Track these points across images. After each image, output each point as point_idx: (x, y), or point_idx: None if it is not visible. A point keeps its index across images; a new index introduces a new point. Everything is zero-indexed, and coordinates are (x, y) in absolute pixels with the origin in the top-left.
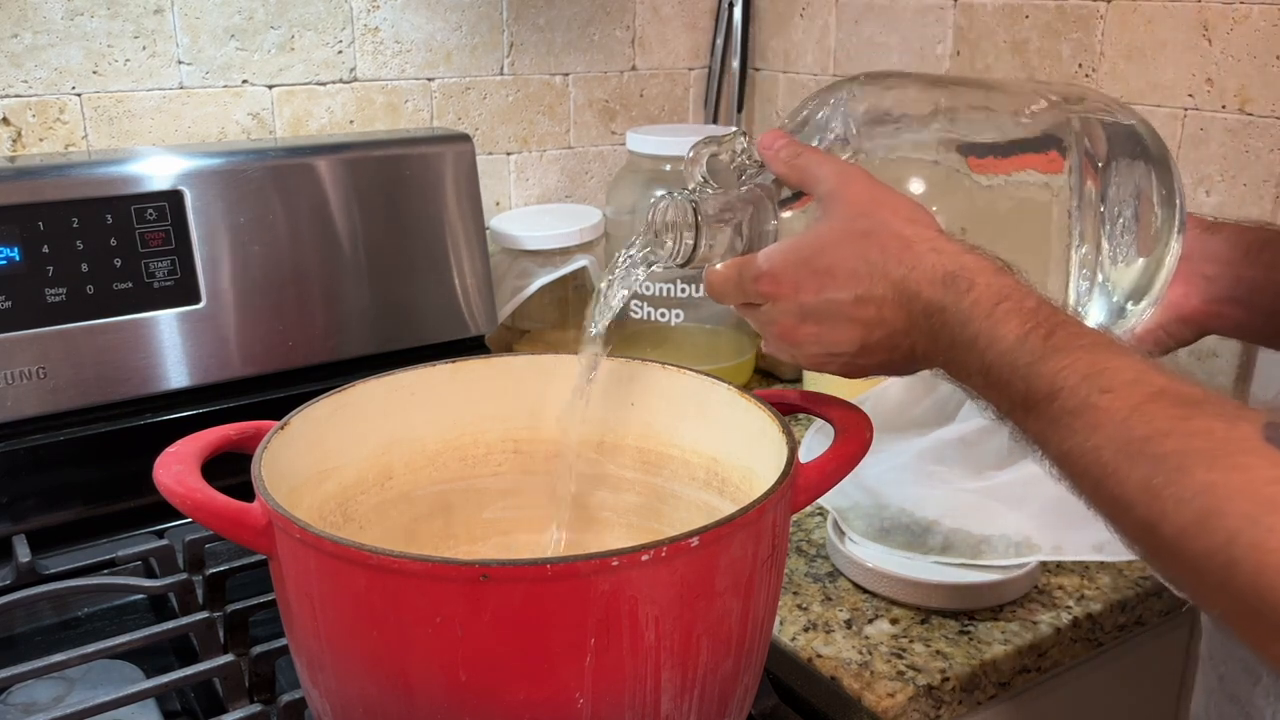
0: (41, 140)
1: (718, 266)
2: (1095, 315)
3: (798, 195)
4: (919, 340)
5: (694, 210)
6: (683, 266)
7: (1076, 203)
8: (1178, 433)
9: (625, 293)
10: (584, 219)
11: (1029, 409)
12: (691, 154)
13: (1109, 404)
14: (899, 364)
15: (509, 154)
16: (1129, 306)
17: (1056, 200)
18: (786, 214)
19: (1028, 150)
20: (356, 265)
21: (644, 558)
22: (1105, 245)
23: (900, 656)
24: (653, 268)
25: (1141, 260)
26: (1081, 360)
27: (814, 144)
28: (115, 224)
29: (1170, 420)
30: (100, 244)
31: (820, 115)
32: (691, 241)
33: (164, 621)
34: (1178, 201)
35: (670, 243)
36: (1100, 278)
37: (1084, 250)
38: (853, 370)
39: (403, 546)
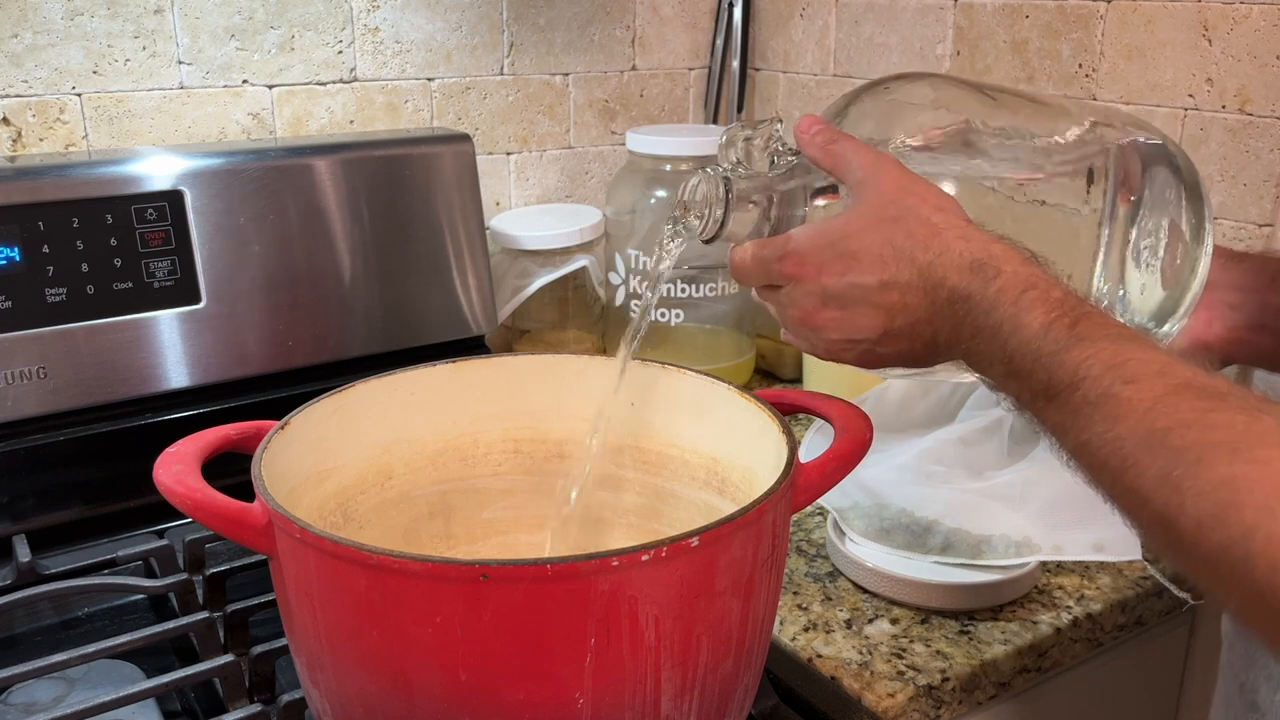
0: (41, 140)
1: (745, 246)
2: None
3: (832, 189)
4: (941, 328)
5: (726, 186)
6: (709, 242)
7: (1106, 228)
8: (1199, 425)
9: (665, 274)
10: (584, 219)
11: (1050, 398)
12: (726, 137)
13: (1132, 395)
14: (919, 353)
15: (509, 154)
16: (1152, 330)
17: (1085, 225)
18: (820, 202)
19: (1066, 178)
20: (356, 265)
21: (644, 558)
22: (1131, 270)
23: (900, 656)
24: (678, 242)
25: (1167, 287)
26: (1106, 350)
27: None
28: (115, 224)
29: (1193, 412)
30: (100, 244)
31: (862, 116)
32: (720, 216)
33: (164, 621)
34: (1207, 227)
35: (699, 217)
36: (1123, 301)
37: (1108, 285)
38: (871, 359)
39: (403, 546)
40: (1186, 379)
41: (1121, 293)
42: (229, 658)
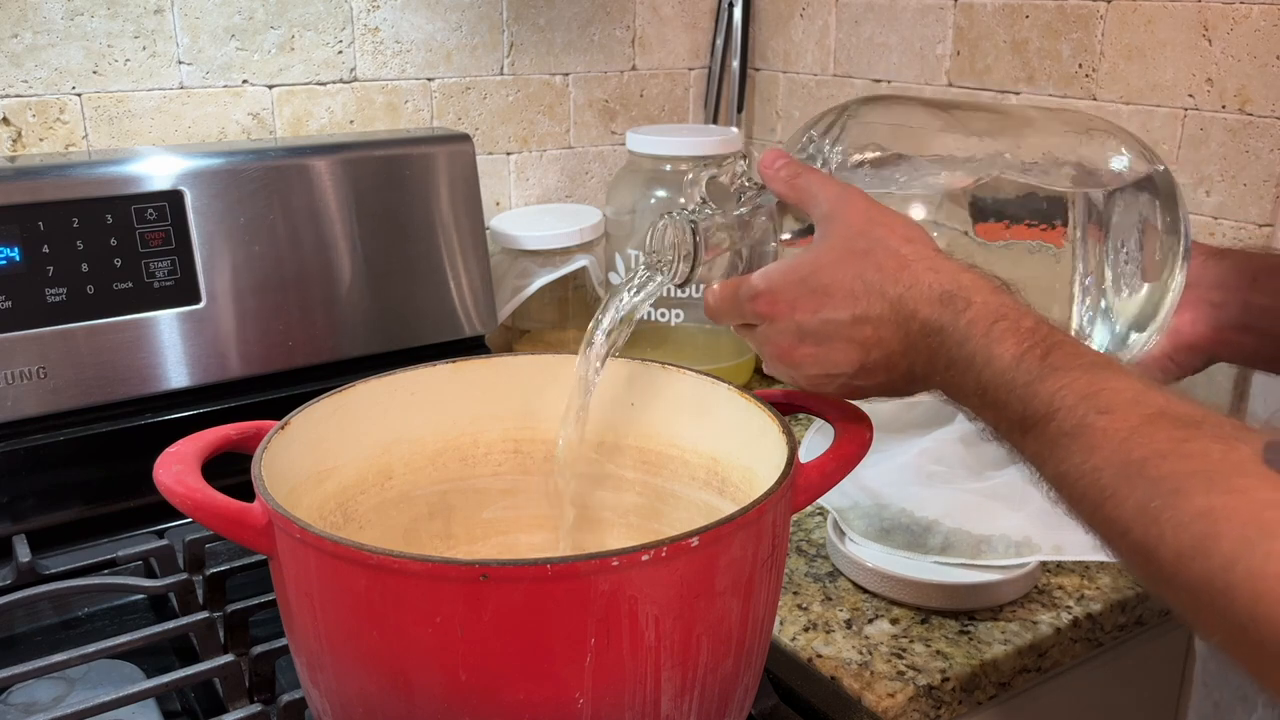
0: (41, 140)
1: (713, 288)
2: (1098, 345)
3: (804, 231)
4: (917, 360)
5: (693, 230)
6: (681, 286)
7: (1081, 240)
8: (1176, 454)
9: (622, 314)
10: (584, 219)
11: (1026, 430)
12: (691, 176)
13: (1107, 425)
14: (897, 384)
15: (509, 154)
16: (1132, 335)
17: (1060, 251)
18: (786, 235)
19: (1033, 219)
20: (356, 265)
21: (644, 558)
22: (1109, 276)
23: (900, 656)
24: (649, 289)
25: (1145, 290)
26: (1079, 380)
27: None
28: (115, 224)
29: (1169, 442)
30: (100, 244)
31: (825, 144)
32: (690, 262)
33: (164, 621)
34: (1182, 229)
35: (669, 262)
36: (1104, 306)
37: (1088, 283)
38: (851, 392)
39: (403, 546)
40: (1161, 407)
41: (1104, 304)
42: (229, 658)
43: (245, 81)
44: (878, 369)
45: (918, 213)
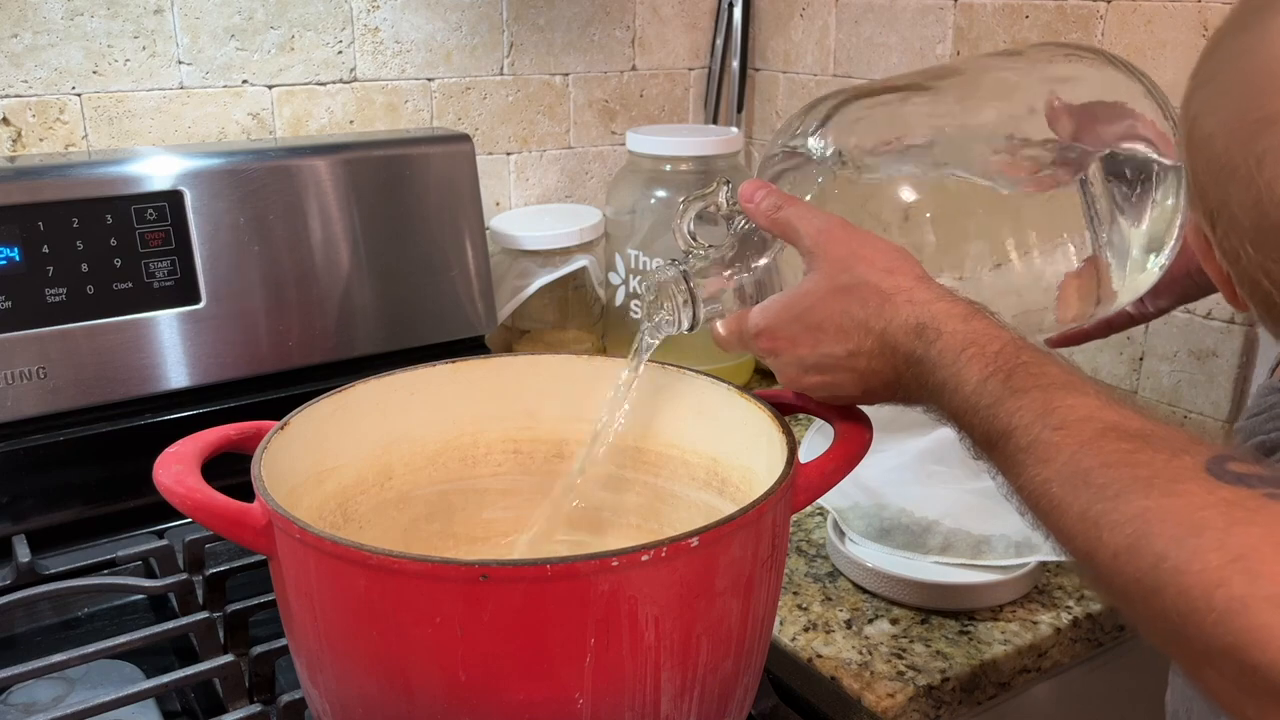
0: (41, 140)
1: (718, 326)
2: (1117, 275)
3: None
4: (908, 386)
5: (685, 280)
6: (692, 329)
7: (1082, 184)
8: (1120, 464)
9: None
10: (584, 219)
11: (990, 447)
12: (681, 209)
13: (1060, 440)
14: (902, 403)
15: (509, 154)
16: (1151, 260)
17: (1064, 193)
18: (778, 246)
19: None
20: (356, 265)
21: (644, 558)
22: (1118, 206)
23: (900, 656)
24: (658, 339)
25: (1152, 211)
26: (1037, 400)
27: (800, 173)
28: (115, 224)
29: (1116, 453)
30: (100, 244)
31: (806, 145)
32: (690, 309)
33: (164, 621)
34: (1177, 139)
35: (670, 315)
36: (1118, 233)
37: (1097, 218)
38: (863, 407)
39: (402, 546)
40: (1113, 422)
41: (1118, 230)
42: (229, 658)
43: (245, 81)
44: (879, 393)
45: (908, 195)
